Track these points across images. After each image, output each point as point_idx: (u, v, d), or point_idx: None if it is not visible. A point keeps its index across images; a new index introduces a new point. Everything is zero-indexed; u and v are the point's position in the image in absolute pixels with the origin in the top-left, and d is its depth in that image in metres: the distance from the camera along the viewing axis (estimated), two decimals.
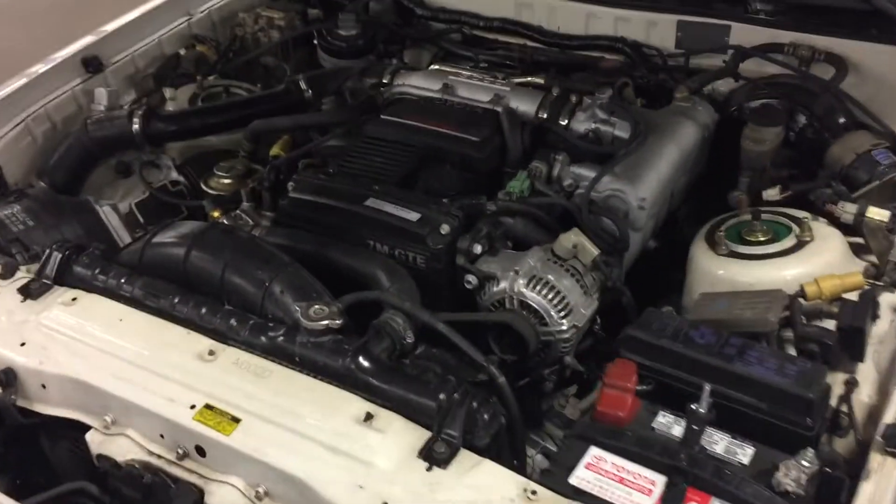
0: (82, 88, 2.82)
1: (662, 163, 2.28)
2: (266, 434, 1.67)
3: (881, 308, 1.91)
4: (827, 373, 1.72)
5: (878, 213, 2.14)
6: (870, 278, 2.00)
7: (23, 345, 1.94)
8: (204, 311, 1.92)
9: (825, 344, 1.80)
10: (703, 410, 1.64)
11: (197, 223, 2.21)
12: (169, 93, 2.82)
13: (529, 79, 2.63)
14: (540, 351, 2.01)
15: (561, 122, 2.42)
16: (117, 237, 2.46)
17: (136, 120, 2.58)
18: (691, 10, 2.83)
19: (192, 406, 1.73)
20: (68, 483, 1.88)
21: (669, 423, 1.66)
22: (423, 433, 1.64)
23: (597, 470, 1.55)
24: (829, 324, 1.89)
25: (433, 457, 1.57)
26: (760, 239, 2.14)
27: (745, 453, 1.58)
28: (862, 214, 2.14)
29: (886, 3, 2.46)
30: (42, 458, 2.09)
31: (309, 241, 2.16)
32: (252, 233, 2.21)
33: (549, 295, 1.98)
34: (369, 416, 1.67)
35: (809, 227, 2.11)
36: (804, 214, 2.18)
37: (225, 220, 2.27)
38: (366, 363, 1.75)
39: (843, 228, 2.16)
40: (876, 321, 1.89)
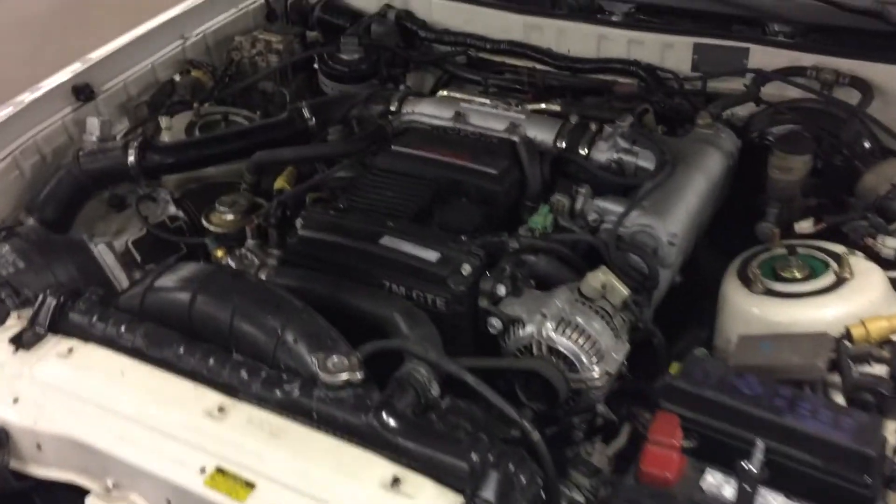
0: (73, 118, 2.69)
1: (691, 194, 2.17)
2: (283, 501, 1.56)
3: None
4: (883, 425, 1.62)
5: None
6: None
7: (16, 401, 1.81)
8: (212, 362, 1.80)
9: (880, 393, 1.70)
10: (756, 469, 1.53)
11: (201, 266, 2.08)
12: (165, 122, 2.69)
13: (545, 106, 2.52)
14: (570, 399, 1.90)
15: (580, 151, 2.31)
16: (113, 277, 2.32)
17: (131, 151, 2.44)
18: (708, 32, 2.73)
19: (202, 469, 1.61)
20: None
21: (719, 483, 1.55)
22: (455, 498, 1.53)
23: None
24: (878, 369, 1.79)
25: None
26: (796, 276, 2.04)
27: None
28: None
29: None
30: None
31: (320, 283, 2.04)
32: (259, 274, 2.09)
33: (580, 339, 1.87)
34: (396, 481, 1.55)
35: (848, 262, 2.00)
36: (841, 249, 2.07)
37: (229, 259, 2.14)
38: (390, 420, 1.63)
39: (882, 263, 2.06)
40: None
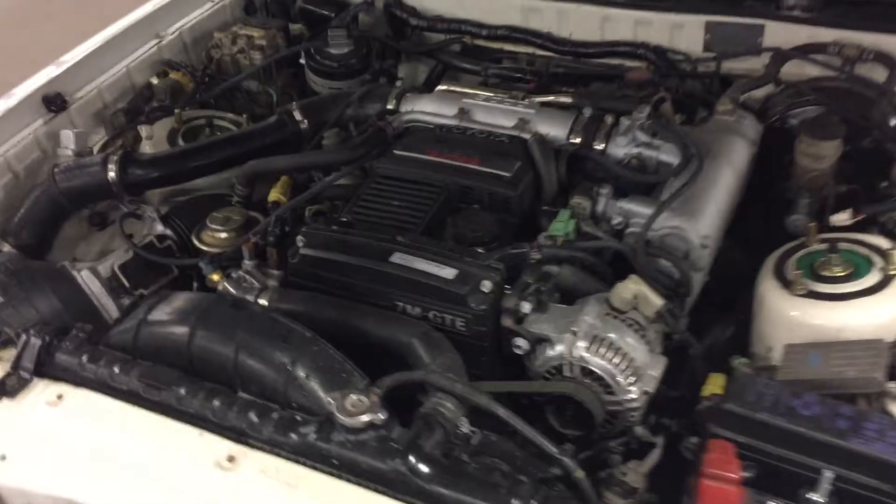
0: (45, 131, 2.50)
1: (720, 190, 2.03)
2: None
3: None
4: None
5: None
6: None
7: (3, 458, 1.64)
8: (217, 403, 1.65)
9: None
10: (824, 501, 1.40)
11: (198, 295, 1.92)
12: (145, 131, 2.50)
13: (554, 98, 2.35)
14: (606, 422, 1.76)
15: (596, 146, 2.16)
16: (100, 306, 2.14)
17: (111, 166, 2.26)
18: (720, 10, 2.57)
19: None
20: None
21: None
22: None
23: None
24: None
25: None
26: (838, 274, 1.90)
27: None
28: None
29: None
30: None
31: (328, 307, 1.88)
32: (260, 298, 1.93)
33: (615, 358, 1.72)
34: None
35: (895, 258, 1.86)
36: (885, 242, 1.93)
37: (227, 283, 1.97)
38: (420, 465, 1.49)
39: None
40: None
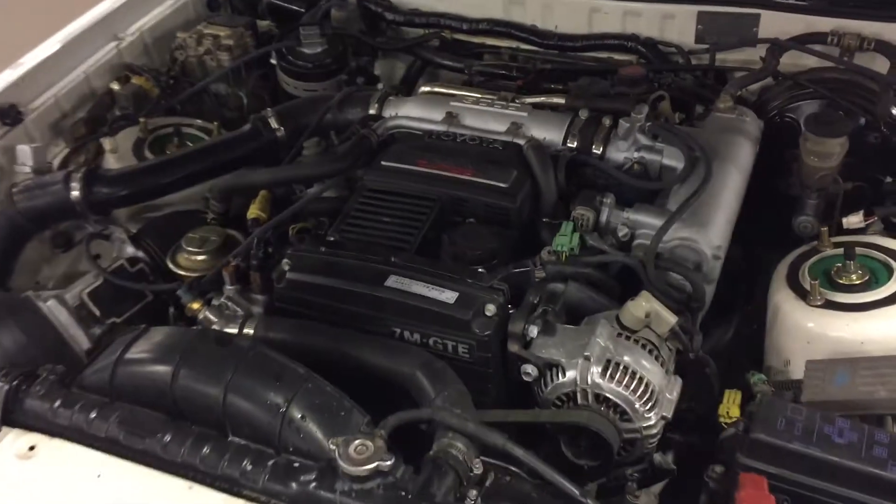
0: (0, 146, 2.32)
1: (729, 196, 1.93)
2: None
3: None
4: None
5: None
6: None
7: None
8: (207, 450, 1.52)
9: None
10: None
11: (179, 330, 1.78)
12: (108, 143, 2.34)
13: (545, 98, 2.23)
14: (622, 449, 1.66)
15: (595, 151, 2.04)
16: (69, 338, 1.99)
17: (75, 184, 2.10)
18: None
19: None
20: None
21: None
22: None
23: None
24: None
25: None
26: (855, 281, 1.82)
27: None
28: None
29: None
30: None
31: (320, 335, 1.76)
32: (246, 328, 1.79)
33: (631, 383, 1.62)
34: None
35: None
36: None
37: (208, 312, 1.83)
38: None
39: None
40: None
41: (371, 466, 1.41)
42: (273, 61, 2.66)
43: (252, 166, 2.28)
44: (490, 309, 1.68)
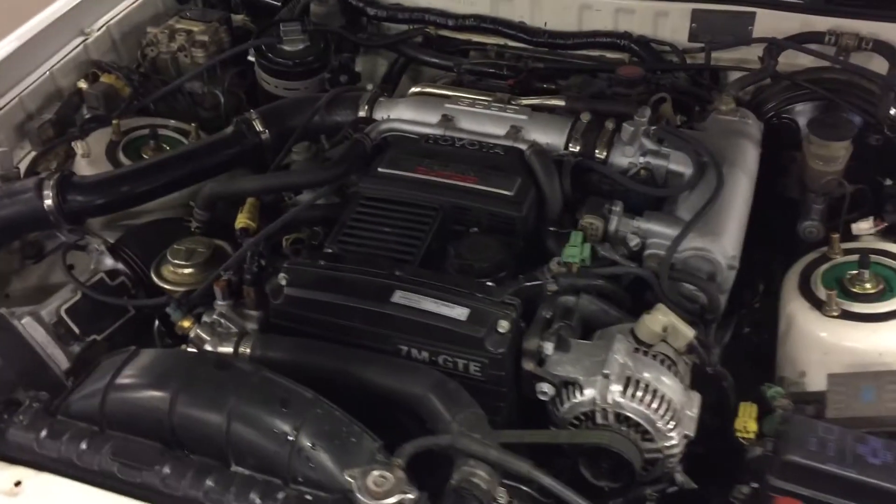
0: None
1: (740, 203, 1.87)
2: None
3: None
4: None
5: None
6: None
7: None
8: (210, 483, 1.44)
9: None
10: None
11: (174, 353, 1.68)
12: (81, 147, 2.20)
13: (543, 100, 2.15)
14: (642, 469, 1.60)
15: (598, 155, 1.97)
16: (47, 357, 1.87)
17: (47, 192, 1.97)
18: None
19: None
20: None
21: None
22: None
23: None
24: None
25: None
26: (869, 290, 1.78)
27: None
28: None
29: None
30: None
31: (323, 354, 1.67)
32: (242, 346, 1.69)
33: (653, 402, 1.56)
34: None
35: None
36: None
37: (200, 330, 1.73)
38: None
39: None
40: None
41: (393, 501, 1.33)
42: (251, 58, 2.54)
43: (236, 171, 2.18)
44: (503, 325, 1.61)
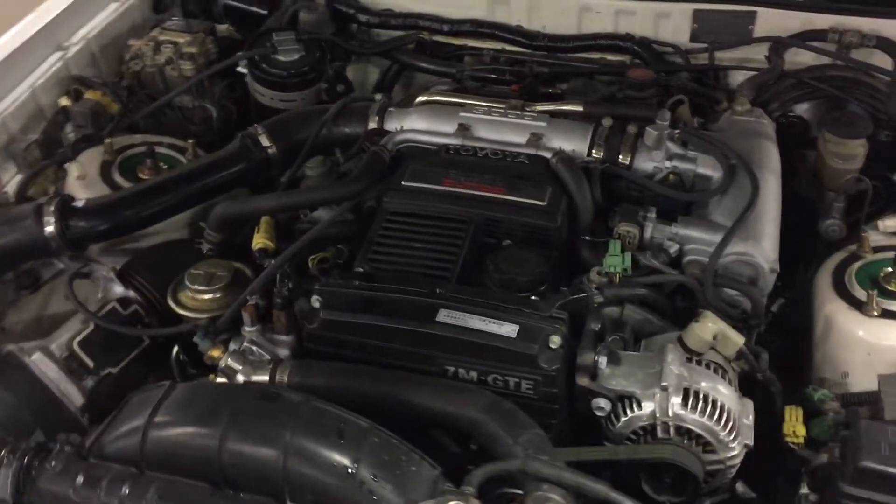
0: None
1: (773, 203, 1.86)
2: None
3: None
4: None
5: None
6: None
7: None
8: None
9: None
10: None
11: (215, 387, 1.59)
12: (76, 169, 2.09)
13: (557, 106, 2.11)
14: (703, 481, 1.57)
15: (622, 161, 1.94)
16: (60, 394, 1.76)
17: (48, 219, 1.86)
18: None
19: None
20: None
21: None
22: None
23: None
24: None
25: None
26: None
27: None
28: None
29: None
30: None
31: (367, 379, 1.60)
32: (279, 374, 1.61)
33: (714, 413, 1.53)
34: None
35: None
36: None
37: (231, 359, 1.64)
38: None
39: None
40: None
41: None
42: (241, 70, 2.44)
43: (243, 188, 2.09)
44: (555, 341, 1.56)
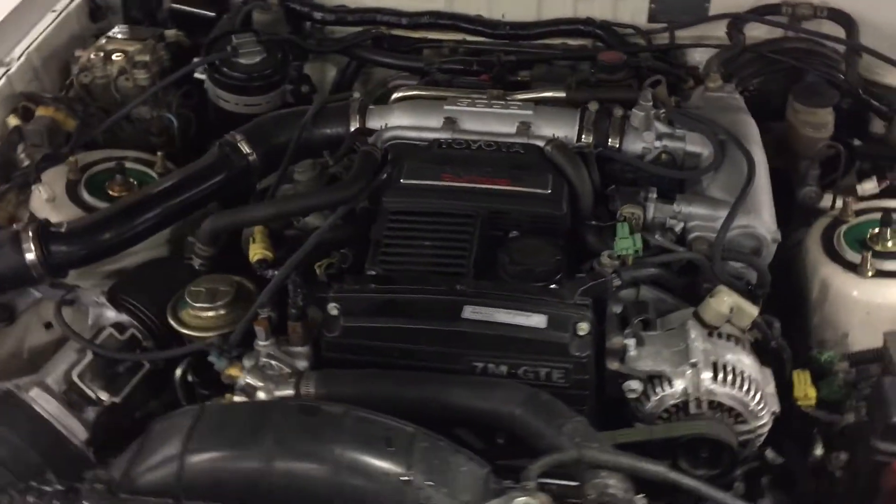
0: None
1: (764, 175, 1.91)
2: None
3: None
4: None
5: None
6: None
7: None
8: None
9: None
10: None
11: (246, 406, 1.53)
12: (45, 192, 1.97)
13: (538, 94, 2.11)
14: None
15: (611, 144, 1.96)
16: (63, 429, 1.66)
17: (27, 245, 1.76)
18: None
19: None
20: None
21: None
22: None
23: None
24: None
25: None
26: (891, 248, 1.86)
27: None
28: None
29: None
30: None
31: (398, 383, 1.57)
32: (303, 387, 1.57)
33: (743, 384, 1.56)
34: None
35: None
36: None
37: (249, 377, 1.59)
38: None
39: None
40: None
41: None
42: (200, 76, 2.35)
43: (226, 198, 2.02)
44: (583, 328, 1.57)
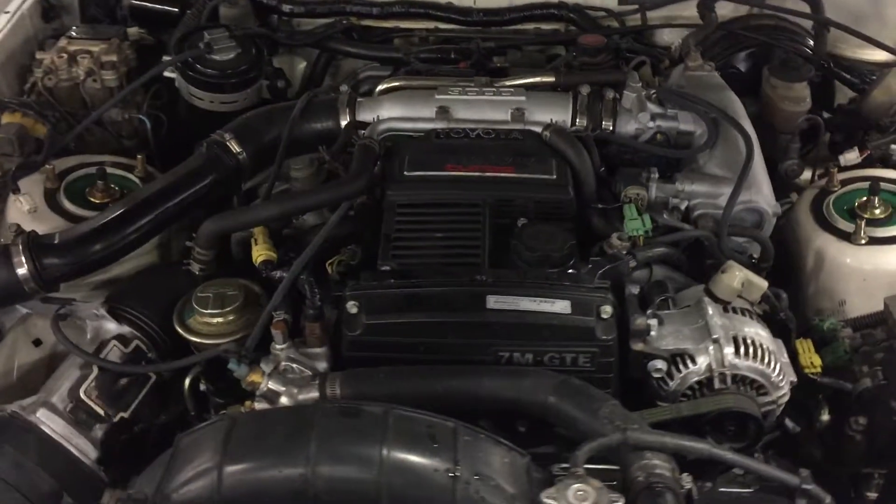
0: None
1: (758, 150, 1.94)
2: None
3: None
4: None
5: None
6: None
7: None
8: None
9: None
10: None
11: (279, 412, 1.49)
12: (26, 202, 1.88)
13: (527, 79, 2.10)
14: None
15: (605, 127, 1.97)
16: (73, 448, 1.60)
17: (18, 259, 1.68)
18: None
19: None
20: None
21: None
22: None
23: None
24: None
25: None
26: (878, 215, 1.93)
27: None
28: None
29: None
30: None
31: (424, 378, 1.56)
32: (329, 388, 1.53)
33: (764, 357, 1.60)
34: None
35: None
36: None
37: (271, 382, 1.55)
38: None
39: None
40: None
41: None
42: (170, 74, 2.27)
43: (217, 199, 1.96)
44: (606, 310, 1.58)
